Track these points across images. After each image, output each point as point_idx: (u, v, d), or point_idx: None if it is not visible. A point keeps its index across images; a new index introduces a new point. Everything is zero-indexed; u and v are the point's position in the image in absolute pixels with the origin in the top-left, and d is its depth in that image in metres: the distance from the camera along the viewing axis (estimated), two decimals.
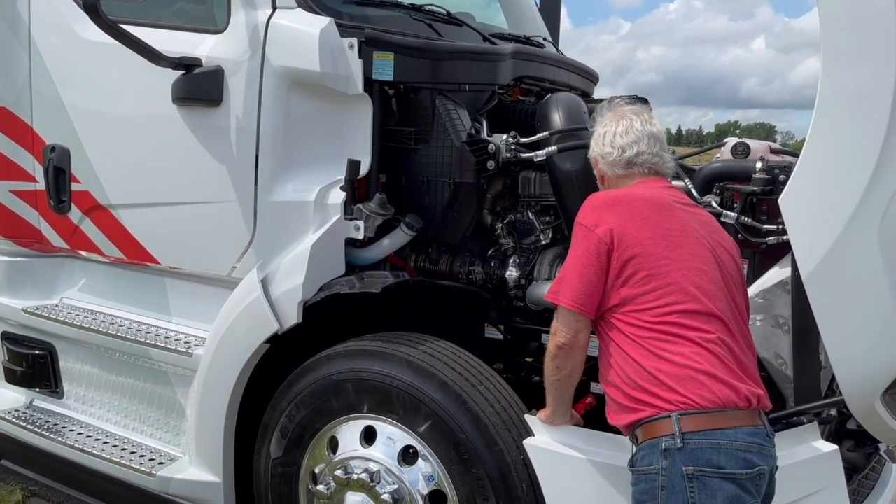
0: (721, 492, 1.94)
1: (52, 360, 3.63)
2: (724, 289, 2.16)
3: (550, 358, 2.25)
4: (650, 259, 2.11)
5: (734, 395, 2.00)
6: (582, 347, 2.19)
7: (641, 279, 2.10)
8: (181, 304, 3.36)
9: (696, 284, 2.10)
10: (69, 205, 3.39)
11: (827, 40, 2.09)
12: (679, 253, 2.13)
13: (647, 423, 2.04)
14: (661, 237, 2.14)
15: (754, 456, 1.98)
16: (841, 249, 2.10)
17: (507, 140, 2.97)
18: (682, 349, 2.04)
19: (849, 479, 2.48)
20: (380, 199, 2.89)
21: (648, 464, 2.02)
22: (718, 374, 2.02)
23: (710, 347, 2.04)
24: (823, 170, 2.15)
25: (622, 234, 2.13)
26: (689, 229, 2.20)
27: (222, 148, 2.95)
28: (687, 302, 2.07)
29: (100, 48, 3.12)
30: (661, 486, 1.98)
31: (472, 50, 3.24)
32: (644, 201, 2.24)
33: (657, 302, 2.08)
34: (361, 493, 2.63)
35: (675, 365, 2.02)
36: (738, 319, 2.18)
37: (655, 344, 2.06)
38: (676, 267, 2.11)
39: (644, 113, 2.40)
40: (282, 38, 2.82)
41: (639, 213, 2.19)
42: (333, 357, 2.76)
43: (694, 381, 2.00)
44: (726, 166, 2.82)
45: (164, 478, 3.13)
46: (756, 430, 2.02)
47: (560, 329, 2.19)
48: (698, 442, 1.96)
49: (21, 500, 3.69)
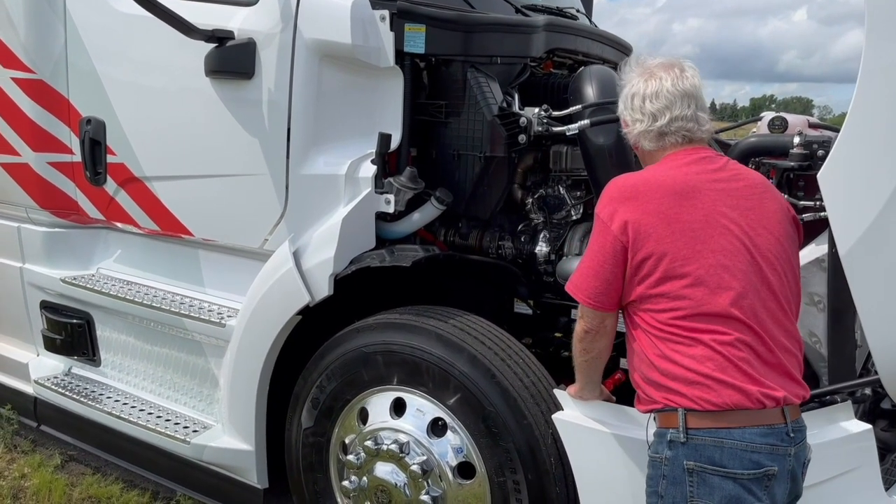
0: (720, 490, 1.91)
1: (89, 328, 3.71)
2: (754, 280, 2.00)
3: (577, 340, 2.24)
4: (666, 260, 1.99)
5: (744, 399, 1.93)
6: (608, 332, 2.18)
7: (656, 281, 2.01)
8: (214, 276, 3.40)
9: (716, 283, 1.97)
10: (105, 177, 3.44)
11: (871, 12, 2.03)
12: (699, 248, 1.99)
13: (660, 412, 2.05)
14: (679, 233, 2.00)
15: (762, 457, 1.92)
16: (881, 226, 2.06)
17: (539, 114, 2.94)
18: (693, 351, 1.96)
19: (882, 459, 2.45)
20: (410, 172, 2.89)
21: (656, 451, 2.04)
22: (727, 379, 1.94)
23: (724, 350, 1.95)
24: (864, 144, 2.11)
25: (638, 230, 2.02)
26: (713, 217, 2.03)
27: (254, 121, 2.97)
28: (703, 305, 1.97)
29: (134, 21, 3.14)
30: (663, 476, 1.99)
31: (505, 22, 3.20)
32: (666, 191, 2.06)
33: (671, 304, 1.99)
34: (391, 463, 2.67)
35: (683, 368, 1.97)
36: (771, 310, 2.01)
37: (667, 345, 2.00)
38: (695, 267, 1.98)
39: (675, 67, 2.15)
40: (314, 10, 2.81)
41: (658, 208, 2.03)
42: (364, 329, 2.78)
43: (700, 385, 1.95)
44: (763, 141, 2.77)
45: (199, 445, 3.20)
46: (770, 430, 1.93)
47: (584, 317, 2.19)
48: (702, 439, 1.94)
49: (60, 465, 3.80)
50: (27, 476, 3.69)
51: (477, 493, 2.58)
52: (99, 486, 3.59)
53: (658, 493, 2.00)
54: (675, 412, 1.97)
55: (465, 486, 2.59)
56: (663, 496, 1.99)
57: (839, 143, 2.15)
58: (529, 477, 2.47)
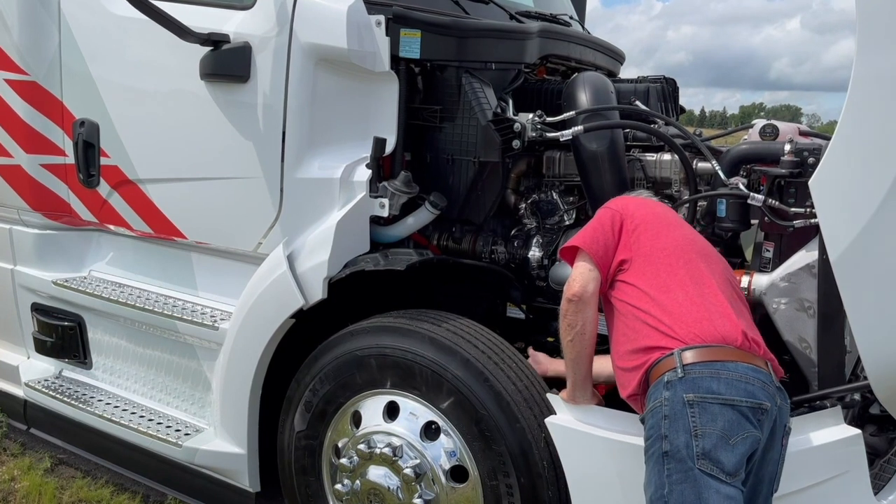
0: (722, 416, 1.98)
1: (80, 331, 3.70)
2: (720, 263, 2.40)
3: (563, 316, 2.33)
4: (657, 224, 2.38)
5: (733, 331, 2.10)
6: (591, 299, 2.29)
7: (649, 237, 2.34)
8: (207, 279, 3.40)
9: (698, 248, 2.36)
10: (98, 179, 3.44)
11: (862, 20, 2.06)
12: (683, 229, 2.45)
13: (653, 367, 2.12)
14: (666, 218, 2.46)
15: (756, 389, 2.03)
16: (872, 232, 2.08)
17: (533, 119, 2.96)
18: (686, 290, 2.20)
19: (871, 464, 2.46)
20: (405, 177, 2.90)
21: (654, 401, 2.08)
22: (717, 313, 2.15)
23: (710, 293, 2.20)
24: (856, 151, 2.13)
25: (635, 210, 2.42)
26: (693, 236, 2.48)
27: (249, 124, 2.97)
28: (689, 253, 2.30)
29: (128, 23, 3.14)
30: (664, 416, 2.03)
31: (499, 28, 3.22)
32: (658, 204, 2.62)
33: (662, 252, 2.29)
34: (384, 466, 2.67)
35: (679, 304, 2.17)
36: (735, 288, 2.35)
37: (660, 290, 2.21)
38: (680, 233, 2.40)
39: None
40: (309, 14, 2.82)
41: (650, 204, 2.54)
42: (357, 333, 2.79)
43: (696, 317, 2.13)
44: (754, 148, 2.79)
45: (190, 448, 3.19)
46: (758, 369, 2.07)
47: (571, 281, 2.31)
48: (699, 371, 2.03)
49: (49, 468, 3.77)
50: (17, 479, 3.67)
51: (470, 496, 2.58)
52: (89, 490, 3.57)
53: (661, 434, 2.02)
54: (670, 357, 2.08)
55: (457, 489, 2.60)
56: (667, 435, 2.01)
57: (831, 149, 2.17)
58: (522, 480, 2.48)
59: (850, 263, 2.15)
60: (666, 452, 2.00)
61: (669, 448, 1.99)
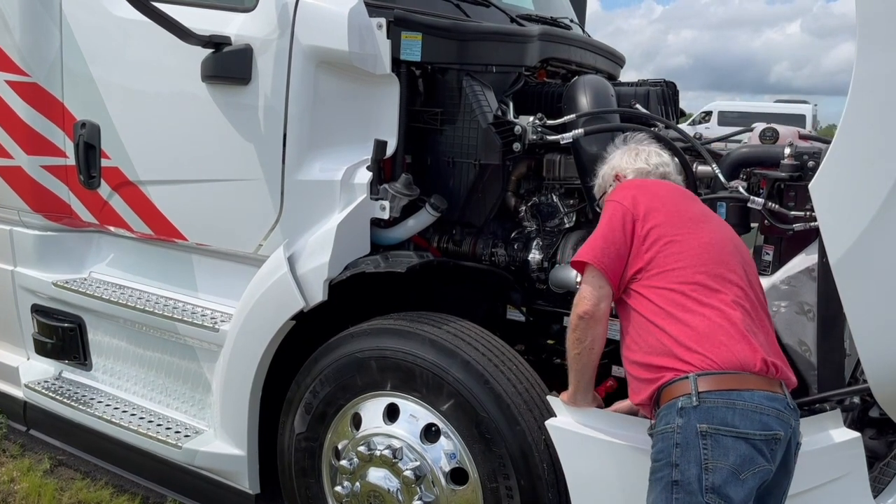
0: (734, 451, 1.96)
1: (80, 332, 3.70)
2: (742, 265, 2.25)
3: (571, 329, 2.29)
4: (672, 228, 2.25)
5: (750, 357, 2.04)
6: (602, 317, 2.24)
7: (665, 244, 2.22)
8: (208, 281, 3.40)
9: (716, 255, 2.22)
10: (99, 180, 3.44)
11: (862, 23, 2.06)
12: (700, 227, 2.28)
13: (666, 387, 2.08)
14: (682, 213, 2.32)
15: (771, 420, 2.00)
16: (872, 235, 2.08)
17: (534, 122, 2.96)
18: (703, 311, 2.11)
19: (870, 467, 2.47)
20: (405, 179, 2.91)
21: (665, 424, 2.06)
22: (736, 336, 2.07)
23: (729, 312, 2.10)
24: (856, 155, 2.13)
25: (648, 208, 2.28)
26: (710, 214, 2.41)
27: (250, 126, 2.98)
28: (708, 264, 2.18)
29: (130, 25, 3.15)
30: (676, 444, 2.01)
31: (500, 31, 3.23)
32: (669, 188, 2.45)
33: (679, 264, 2.18)
34: (384, 469, 2.67)
35: (695, 326, 2.09)
36: (756, 294, 2.24)
37: (677, 308, 2.13)
38: (697, 238, 2.24)
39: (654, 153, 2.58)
40: (311, 16, 2.83)
41: (663, 195, 2.38)
42: (358, 335, 2.79)
43: (713, 341, 2.06)
44: (754, 151, 2.80)
45: (190, 450, 3.19)
46: (775, 396, 2.03)
47: (582, 298, 2.25)
48: (714, 401, 1.99)
49: (49, 469, 3.77)
50: (16, 480, 3.66)
51: (470, 498, 2.58)
52: (88, 491, 3.57)
53: (671, 462, 2.01)
54: (685, 380, 2.03)
55: (457, 491, 2.60)
56: (678, 464, 1.99)
57: (831, 152, 2.18)
58: (522, 483, 2.48)
59: (849, 266, 2.16)
60: (676, 482, 1.99)
61: (680, 478, 1.98)
